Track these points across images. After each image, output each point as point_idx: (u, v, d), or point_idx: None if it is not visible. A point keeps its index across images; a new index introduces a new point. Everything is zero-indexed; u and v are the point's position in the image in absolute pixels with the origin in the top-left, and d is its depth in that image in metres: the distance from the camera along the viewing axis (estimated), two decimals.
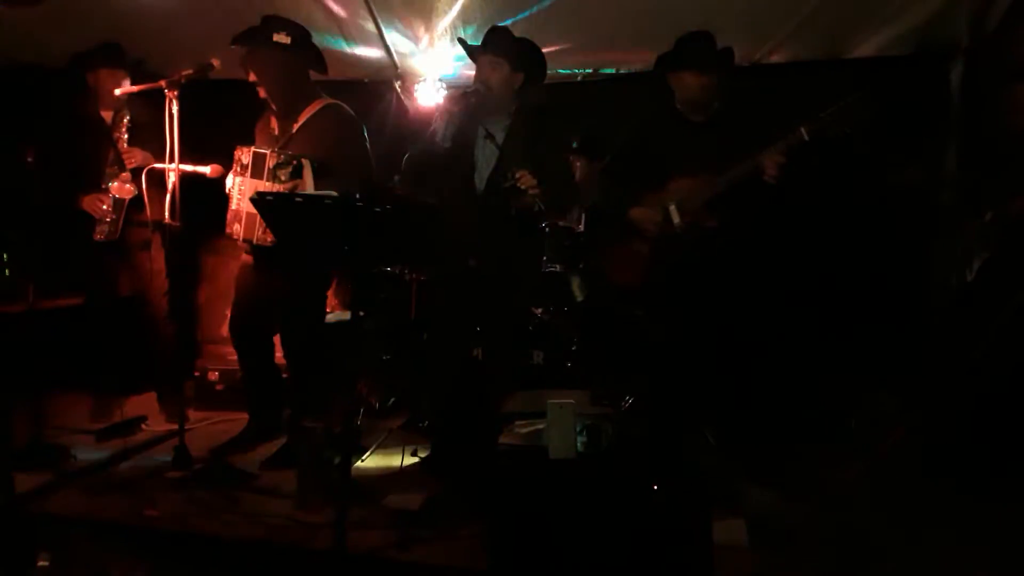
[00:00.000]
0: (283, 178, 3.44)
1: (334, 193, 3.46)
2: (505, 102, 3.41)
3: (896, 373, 3.59)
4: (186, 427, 3.49)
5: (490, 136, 3.32)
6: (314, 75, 3.74)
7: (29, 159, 3.59)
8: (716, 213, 3.27)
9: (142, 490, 3.20)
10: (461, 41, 3.54)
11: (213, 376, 4.62)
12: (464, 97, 3.33)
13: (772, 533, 2.72)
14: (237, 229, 3.58)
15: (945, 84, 4.04)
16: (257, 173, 3.50)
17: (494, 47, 3.37)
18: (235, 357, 3.98)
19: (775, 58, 4.32)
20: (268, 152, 3.49)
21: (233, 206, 3.60)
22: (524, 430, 2.56)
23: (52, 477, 3.30)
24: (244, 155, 3.55)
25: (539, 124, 3.41)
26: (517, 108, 3.43)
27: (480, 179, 3.40)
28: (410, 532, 2.78)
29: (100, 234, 4.01)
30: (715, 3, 3.73)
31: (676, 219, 3.36)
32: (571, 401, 2.40)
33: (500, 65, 3.35)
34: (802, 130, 3.06)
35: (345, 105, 3.74)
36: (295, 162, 3.44)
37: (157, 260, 4.13)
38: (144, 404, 4.44)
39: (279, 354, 3.97)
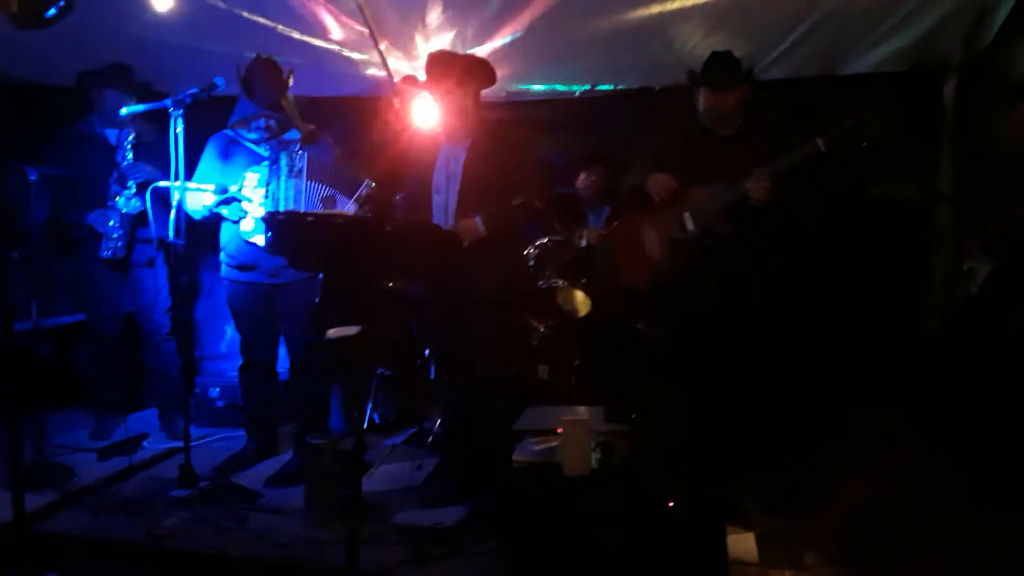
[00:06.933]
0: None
1: (346, 212, 3.51)
2: (460, 120, 3.33)
3: (902, 390, 3.61)
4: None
5: (451, 156, 3.34)
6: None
7: (33, 177, 3.58)
8: (730, 220, 3.32)
9: (148, 508, 3.19)
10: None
11: (213, 393, 4.60)
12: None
13: (778, 552, 2.74)
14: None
15: (939, 99, 4.10)
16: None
17: (436, 75, 3.31)
18: (234, 374, 3.98)
19: (770, 75, 4.36)
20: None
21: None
22: (538, 447, 2.57)
23: (56, 496, 3.30)
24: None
25: (505, 136, 3.37)
26: (475, 125, 3.35)
27: (452, 197, 3.35)
28: (422, 549, 2.79)
29: (107, 251, 4.00)
30: (711, 20, 3.79)
31: (690, 225, 3.41)
32: (585, 419, 2.41)
33: (449, 88, 3.26)
34: (819, 141, 3.13)
35: None
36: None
37: (160, 277, 4.15)
38: (144, 421, 4.43)
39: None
